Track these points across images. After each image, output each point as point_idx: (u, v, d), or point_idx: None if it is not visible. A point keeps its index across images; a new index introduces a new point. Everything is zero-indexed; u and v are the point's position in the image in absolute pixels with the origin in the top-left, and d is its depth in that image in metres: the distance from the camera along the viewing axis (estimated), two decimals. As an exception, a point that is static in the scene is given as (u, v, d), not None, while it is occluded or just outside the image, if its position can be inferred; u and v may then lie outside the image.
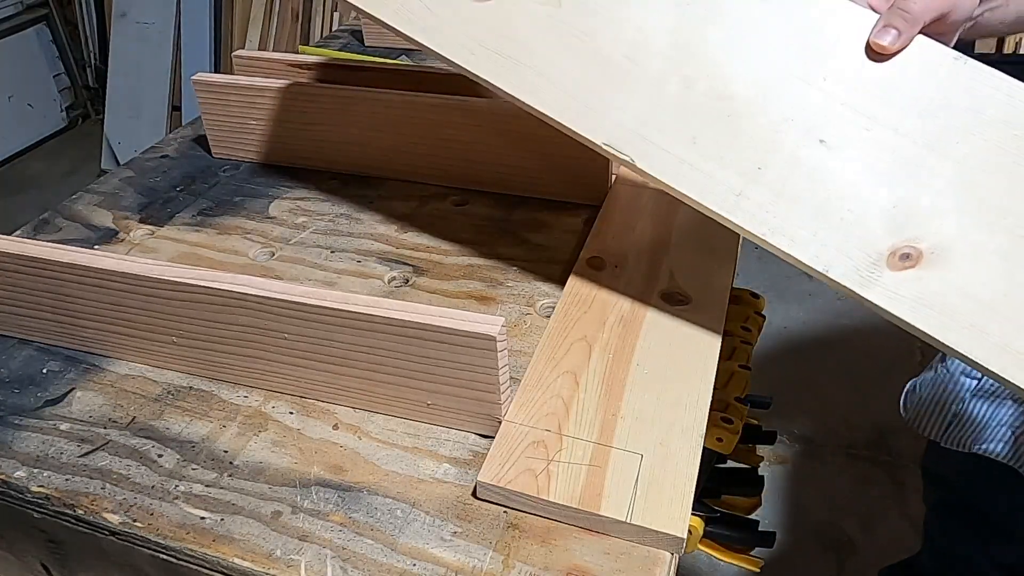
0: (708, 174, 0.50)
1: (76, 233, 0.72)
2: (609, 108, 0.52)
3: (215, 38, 2.77)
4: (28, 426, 0.52)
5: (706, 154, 0.50)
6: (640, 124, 0.51)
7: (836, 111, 0.49)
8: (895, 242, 0.47)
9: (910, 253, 0.46)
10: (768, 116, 0.50)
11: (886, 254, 0.47)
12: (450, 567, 0.42)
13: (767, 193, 0.49)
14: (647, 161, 0.51)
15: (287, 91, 0.76)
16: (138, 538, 0.45)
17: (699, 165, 0.50)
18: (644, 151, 0.51)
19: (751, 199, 0.49)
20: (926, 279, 0.46)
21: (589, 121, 0.52)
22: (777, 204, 0.49)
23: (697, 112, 0.51)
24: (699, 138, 0.50)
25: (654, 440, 0.47)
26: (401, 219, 0.72)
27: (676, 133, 0.51)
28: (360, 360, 0.49)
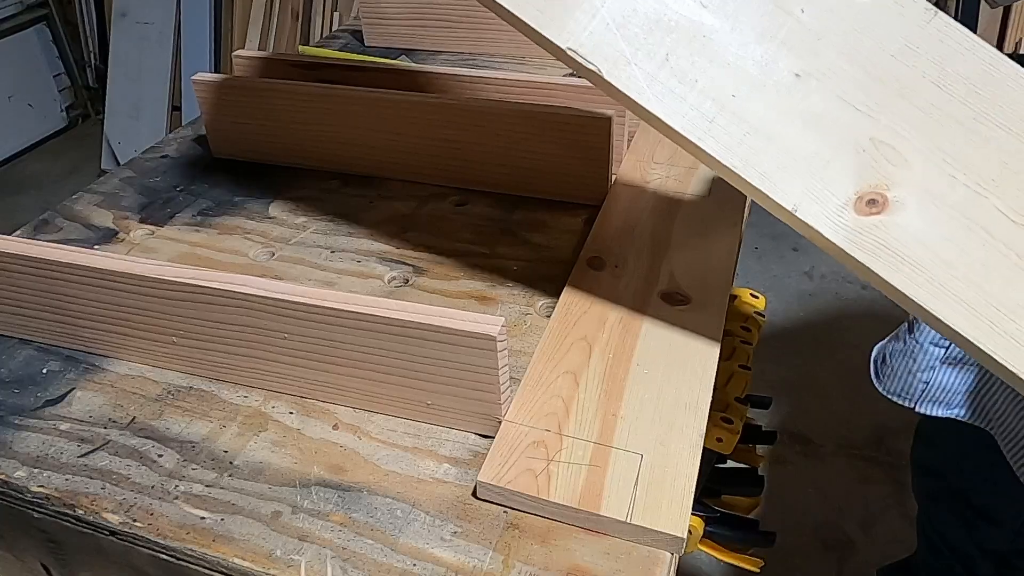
0: (680, 96, 0.48)
1: (76, 233, 0.72)
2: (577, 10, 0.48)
3: (215, 38, 2.77)
4: (28, 426, 0.52)
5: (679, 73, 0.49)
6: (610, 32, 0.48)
7: (812, 44, 0.48)
8: (862, 187, 0.46)
9: (876, 199, 0.46)
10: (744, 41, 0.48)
11: (853, 198, 0.46)
12: (450, 567, 0.42)
13: (739, 123, 0.48)
14: (615, 74, 0.47)
15: (287, 91, 0.76)
16: (138, 538, 0.45)
17: (671, 84, 0.48)
18: (613, 63, 0.48)
19: (723, 127, 0.48)
20: (891, 227, 0.46)
21: (554, 24, 0.48)
22: (749, 136, 0.48)
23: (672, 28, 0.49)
24: (672, 56, 0.48)
25: (654, 440, 0.47)
26: (401, 219, 0.72)
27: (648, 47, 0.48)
28: (360, 360, 0.49)
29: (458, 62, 1.04)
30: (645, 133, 0.82)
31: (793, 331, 1.96)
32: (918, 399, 0.76)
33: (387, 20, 1.08)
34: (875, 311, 2.00)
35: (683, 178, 0.74)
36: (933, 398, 0.76)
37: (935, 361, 0.74)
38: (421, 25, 1.06)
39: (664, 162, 0.77)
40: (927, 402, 0.76)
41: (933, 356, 0.74)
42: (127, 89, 2.86)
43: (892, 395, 0.78)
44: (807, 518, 1.49)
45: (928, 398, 0.76)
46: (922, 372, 0.75)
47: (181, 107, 2.83)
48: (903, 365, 0.76)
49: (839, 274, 2.15)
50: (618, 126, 0.71)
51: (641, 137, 0.81)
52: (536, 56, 1.04)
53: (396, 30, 1.08)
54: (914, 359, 0.74)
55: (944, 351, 0.73)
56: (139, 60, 2.82)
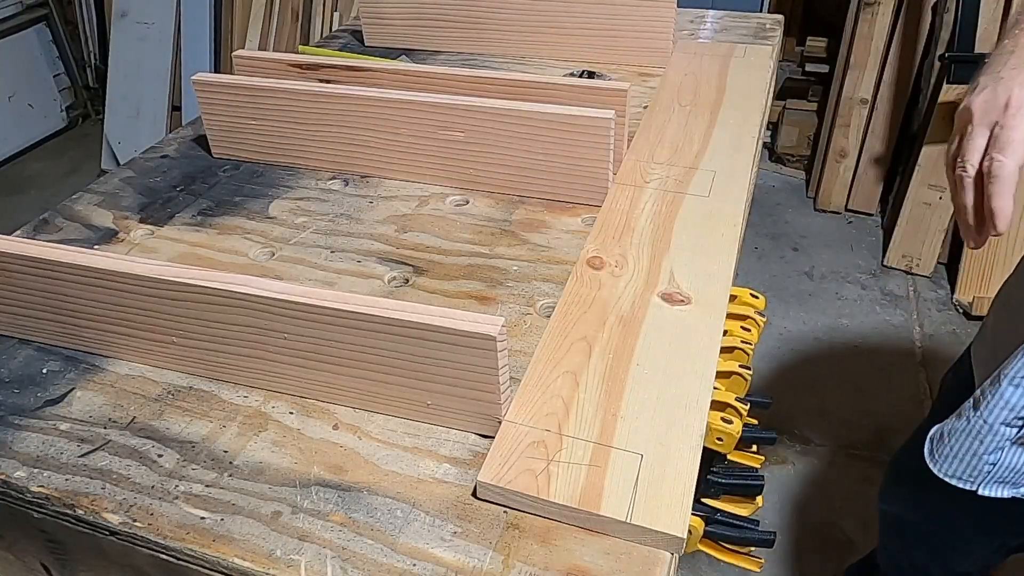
0: None
1: (76, 233, 0.72)
2: None
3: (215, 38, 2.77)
4: (28, 426, 0.52)
5: None
6: None
7: None
8: None
9: None
10: None
11: None
12: (450, 567, 0.42)
13: None
14: None
15: (287, 91, 0.76)
16: (138, 538, 0.45)
17: None
18: None
19: None
20: None
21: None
22: None
23: None
24: None
25: (654, 440, 0.47)
26: (401, 219, 0.72)
27: None
28: (360, 360, 0.49)
29: (458, 62, 1.04)
30: (645, 133, 0.82)
31: (793, 331, 1.96)
32: (982, 481, 0.71)
33: (387, 20, 1.08)
34: (875, 311, 2.00)
35: (683, 178, 0.74)
36: (1000, 479, 0.71)
37: (1005, 442, 0.69)
38: (421, 25, 1.06)
39: (664, 162, 0.77)
40: (993, 483, 0.71)
41: (1003, 436, 0.69)
42: (127, 89, 2.86)
43: (950, 478, 0.73)
44: (807, 518, 1.49)
45: (994, 479, 0.71)
46: (989, 454, 0.70)
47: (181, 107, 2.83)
48: (966, 446, 0.70)
49: (839, 274, 2.15)
50: (618, 126, 0.71)
51: (641, 137, 0.81)
52: (536, 56, 1.04)
53: (396, 30, 1.08)
54: (980, 440, 0.69)
55: (1017, 431, 0.68)
56: (139, 60, 2.82)
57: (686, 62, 0.99)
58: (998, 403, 0.67)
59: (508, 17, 1.02)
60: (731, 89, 0.92)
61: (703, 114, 0.86)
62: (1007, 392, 0.66)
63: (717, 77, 0.95)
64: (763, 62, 0.99)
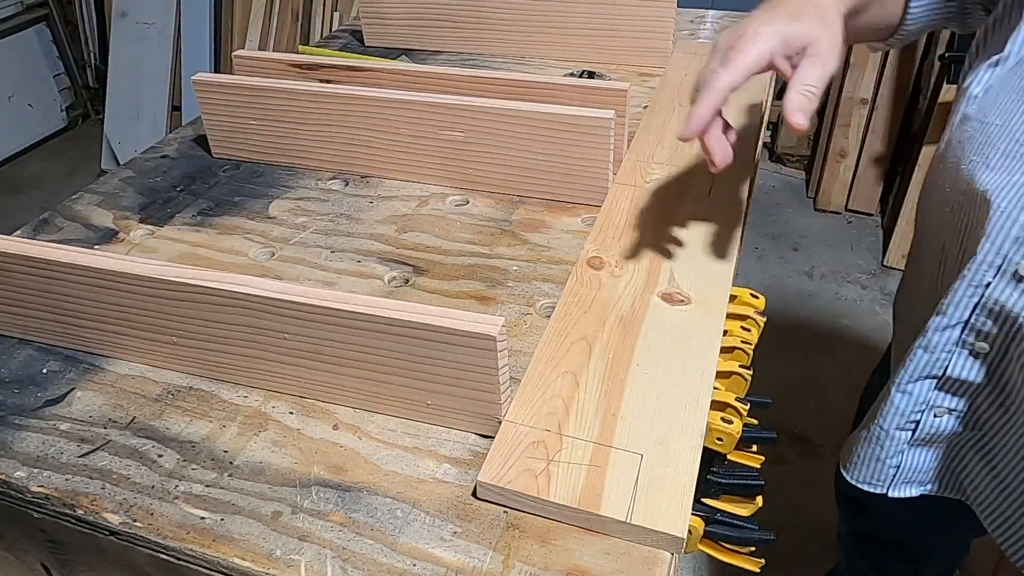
0: None
1: (76, 233, 0.72)
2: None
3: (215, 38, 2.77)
4: (28, 426, 0.52)
5: None
6: None
7: None
8: None
9: None
10: None
11: None
12: (450, 567, 0.42)
13: None
14: None
15: (287, 91, 0.76)
16: (138, 538, 0.45)
17: None
18: None
19: None
20: None
21: None
22: None
23: None
24: None
25: (654, 440, 0.47)
26: (401, 219, 0.72)
27: None
28: (360, 360, 0.49)
29: (458, 62, 1.04)
30: (645, 133, 0.82)
31: (793, 331, 1.96)
32: (890, 484, 0.74)
33: (387, 20, 1.08)
34: (875, 311, 2.00)
35: (683, 179, 0.74)
36: (906, 480, 0.73)
37: (903, 445, 0.72)
38: (421, 25, 1.06)
39: (664, 162, 0.77)
40: (900, 485, 0.74)
41: (900, 440, 0.72)
42: (127, 89, 2.86)
43: (862, 483, 0.75)
44: (807, 518, 1.49)
45: (900, 481, 0.73)
46: (891, 458, 0.73)
47: (181, 107, 2.83)
48: (870, 453, 0.73)
49: (839, 274, 2.15)
50: (618, 126, 0.71)
51: (641, 137, 0.81)
52: (536, 56, 1.04)
53: (396, 30, 1.08)
54: (881, 446, 0.72)
55: (911, 434, 0.71)
56: (139, 60, 2.82)
57: (686, 62, 0.99)
58: (890, 410, 0.70)
59: (508, 17, 1.02)
60: (731, 89, 0.92)
61: (703, 114, 0.86)
62: (896, 399, 0.69)
63: (717, 77, 0.95)
64: (763, 62, 0.99)
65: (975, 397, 0.66)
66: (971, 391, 0.66)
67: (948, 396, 0.67)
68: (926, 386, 0.68)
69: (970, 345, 0.63)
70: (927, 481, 0.74)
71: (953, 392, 0.67)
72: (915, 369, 0.67)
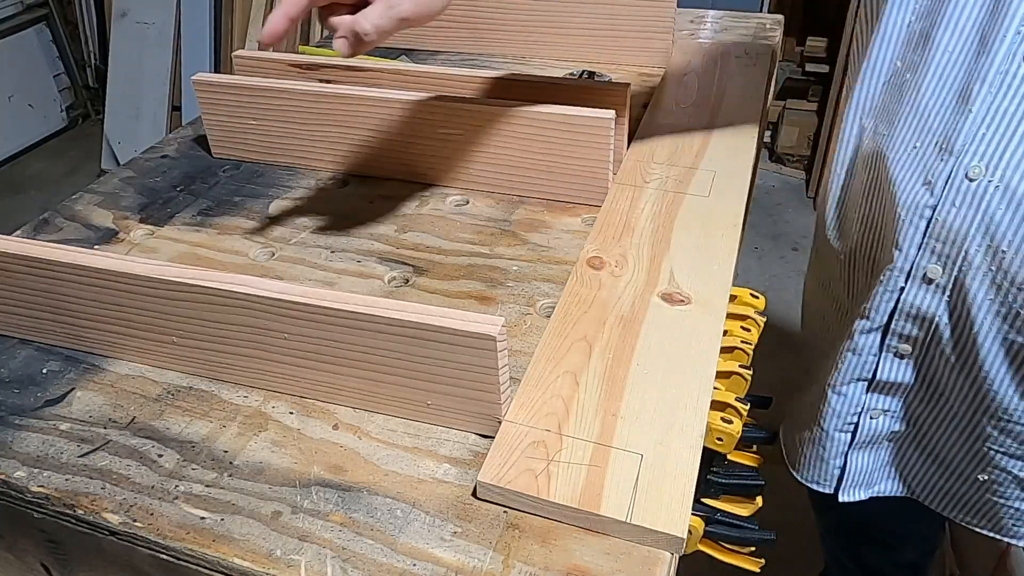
0: None
1: (76, 233, 0.72)
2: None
3: (215, 38, 2.77)
4: (28, 426, 0.52)
5: None
6: None
7: None
8: None
9: None
10: None
11: None
12: (450, 567, 0.42)
13: None
14: None
15: (287, 91, 0.76)
16: (138, 538, 0.45)
17: None
18: None
19: None
20: None
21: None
22: None
23: None
24: None
25: (654, 440, 0.47)
26: (401, 219, 0.72)
27: None
28: (360, 360, 0.49)
29: (458, 62, 1.04)
30: (645, 133, 0.82)
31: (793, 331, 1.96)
32: (837, 486, 0.75)
33: (387, 20, 1.08)
34: (875, 311, 2.00)
35: (683, 178, 0.74)
36: (853, 483, 0.74)
37: (844, 447, 0.73)
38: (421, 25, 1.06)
39: (664, 162, 0.77)
40: (848, 488, 0.74)
41: (842, 443, 0.72)
42: (127, 89, 2.86)
43: (811, 483, 0.76)
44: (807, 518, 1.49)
45: (848, 484, 0.74)
46: (834, 459, 0.73)
47: (181, 107, 2.83)
48: (815, 453, 0.74)
49: (839, 274, 2.15)
50: (618, 126, 0.71)
51: (641, 137, 0.81)
52: (536, 56, 1.04)
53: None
54: (823, 447, 0.73)
55: (851, 436, 0.72)
56: (139, 60, 2.82)
57: (686, 62, 0.99)
58: (829, 412, 0.71)
59: (508, 17, 1.02)
60: (731, 89, 0.92)
61: (703, 114, 0.86)
62: (832, 400, 0.70)
63: (717, 77, 0.95)
64: (763, 62, 0.99)
65: (907, 396, 0.67)
66: (902, 391, 0.67)
67: (881, 397, 0.68)
68: (859, 388, 0.68)
69: (894, 348, 0.64)
70: (875, 483, 0.74)
71: (885, 393, 0.68)
72: (847, 370, 0.68)
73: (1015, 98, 0.52)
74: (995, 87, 0.53)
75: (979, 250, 0.55)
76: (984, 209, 0.54)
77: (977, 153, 0.54)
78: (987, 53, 0.53)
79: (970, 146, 0.54)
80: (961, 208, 0.55)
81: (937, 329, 0.61)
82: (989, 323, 0.57)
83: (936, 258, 0.58)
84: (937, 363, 0.63)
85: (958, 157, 0.55)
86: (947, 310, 0.59)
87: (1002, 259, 0.54)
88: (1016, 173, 0.52)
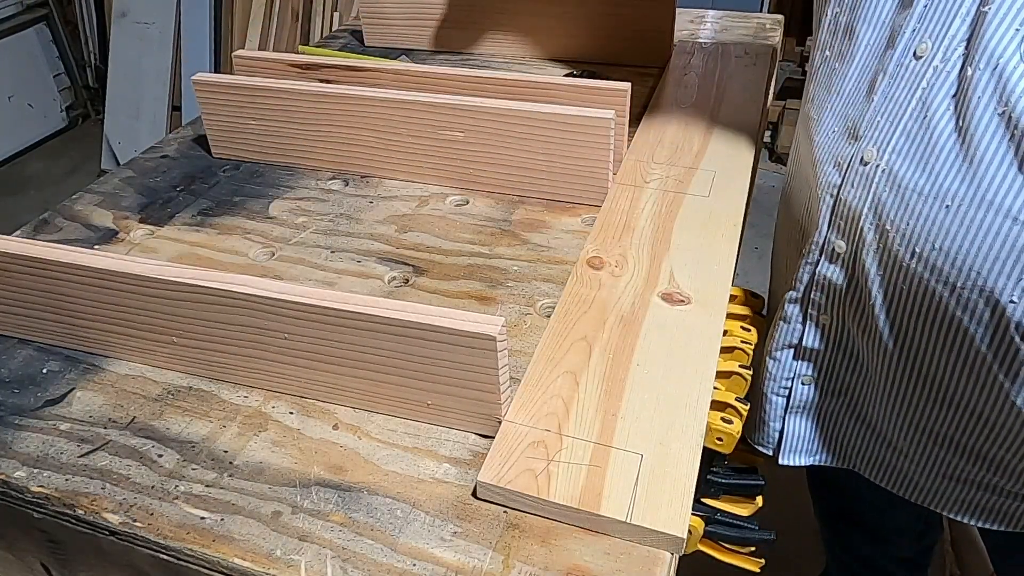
0: None
1: (76, 233, 0.72)
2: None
3: (215, 38, 2.77)
4: (28, 426, 0.52)
5: None
6: None
7: None
8: None
9: None
10: None
11: None
12: (450, 567, 0.42)
13: None
14: None
15: (287, 91, 0.76)
16: (138, 538, 0.45)
17: None
18: None
19: None
20: None
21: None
22: None
23: None
24: None
25: (654, 440, 0.47)
26: (401, 219, 0.72)
27: None
28: (360, 360, 0.49)
29: (458, 62, 1.04)
30: (645, 133, 0.82)
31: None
32: (778, 450, 0.76)
33: (387, 20, 1.08)
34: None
35: (683, 178, 0.74)
36: (793, 448, 0.76)
37: (781, 411, 0.74)
38: (421, 25, 1.06)
39: (664, 162, 0.77)
40: (789, 452, 0.76)
41: (779, 407, 0.74)
42: (127, 89, 2.86)
43: (757, 444, 0.78)
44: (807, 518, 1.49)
45: (788, 448, 0.76)
46: (773, 422, 0.75)
47: (181, 107, 2.83)
48: (757, 415, 0.76)
49: (839, 274, 2.15)
50: (618, 126, 0.71)
51: (641, 137, 0.81)
52: (536, 56, 1.04)
53: (396, 30, 1.08)
54: (764, 409, 0.75)
55: (786, 401, 0.74)
56: (139, 60, 2.82)
57: (686, 62, 0.99)
58: (767, 376, 0.73)
59: (508, 17, 1.02)
60: (731, 89, 0.92)
61: (703, 114, 0.86)
62: (769, 364, 0.73)
63: (717, 77, 0.95)
64: (763, 62, 0.99)
65: (831, 364, 0.70)
66: (827, 359, 0.70)
67: (809, 364, 0.71)
68: (789, 355, 0.72)
69: (814, 317, 0.68)
70: (814, 452, 0.76)
71: (811, 360, 0.71)
72: (779, 337, 0.71)
73: (905, 89, 0.56)
74: (893, 78, 0.57)
75: (871, 229, 0.59)
76: (873, 191, 0.58)
77: (872, 139, 0.58)
78: (892, 47, 0.57)
79: (868, 132, 0.59)
80: (857, 189, 0.59)
81: (843, 301, 0.65)
82: (881, 299, 0.61)
83: (840, 235, 0.62)
84: (851, 333, 0.66)
85: (860, 142, 0.59)
86: (847, 283, 0.64)
87: (886, 238, 0.58)
88: (898, 158, 0.56)
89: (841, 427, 0.73)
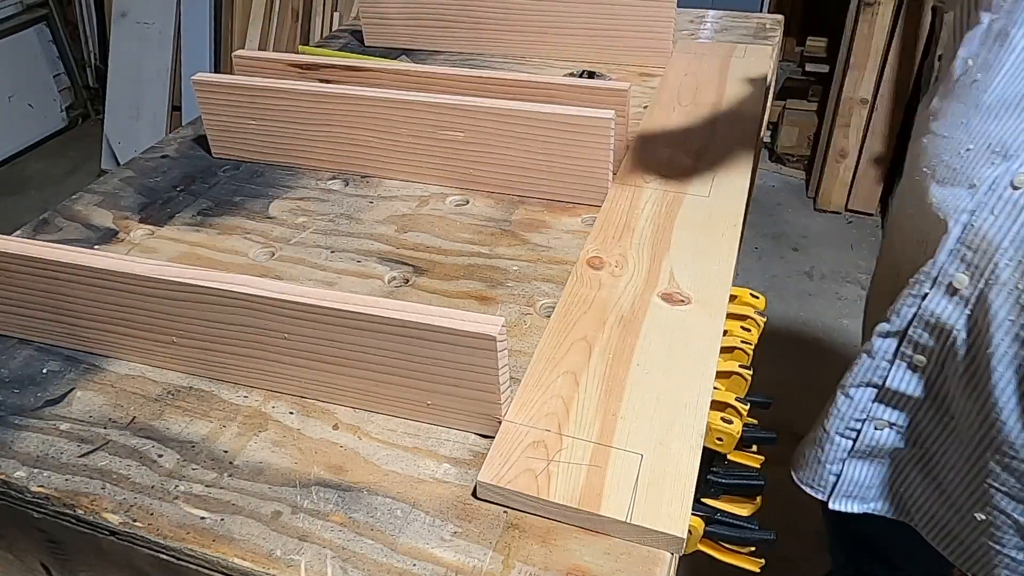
0: None
1: (76, 233, 0.72)
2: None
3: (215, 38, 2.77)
4: (28, 426, 0.52)
5: None
6: None
7: None
8: None
9: None
10: None
11: None
12: (450, 567, 0.42)
13: None
14: None
15: (287, 91, 0.76)
16: (138, 538, 0.45)
17: None
18: None
19: None
20: None
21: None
22: None
23: None
24: None
25: (654, 440, 0.47)
26: (401, 219, 0.72)
27: None
28: (360, 360, 0.49)
29: (458, 62, 1.04)
30: (645, 133, 0.82)
31: (793, 331, 1.96)
32: (831, 493, 0.72)
33: (387, 20, 1.08)
34: (875, 311, 2.00)
35: (683, 178, 0.74)
36: (847, 493, 0.71)
37: (843, 453, 0.69)
38: (421, 25, 1.06)
39: (664, 162, 0.77)
40: (841, 497, 0.71)
41: (841, 448, 0.69)
42: (127, 89, 2.86)
43: (805, 486, 0.73)
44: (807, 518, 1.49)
45: (841, 493, 0.71)
46: (831, 464, 0.70)
47: (181, 107, 2.83)
48: (813, 454, 0.71)
49: (839, 274, 2.15)
50: (618, 126, 0.71)
51: (641, 137, 0.81)
52: (536, 56, 1.04)
53: (396, 30, 1.08)
54: (822, 448, 0.70)
55: (852, 443, 0.68)
56: (139, 60, 2.82)
57: (686, 62, 0.99)
58: (834, 413, 0.68)
59: (508, 17, 1.02)
60: (731, 89, 0.92)
61: (703, 114, 0.86)
62: (840, 401, 0.68)
63: (717, 77, 0.95)
64: (763, 62, 0.99)
65: (915, 412, 0.65)
66: (911, 405, 0.65)
67: (888, 409, 0.66)
68: (867, 394, 0.66)
69: (908, 357, 0.62)
70: (870, 499, 0.71)
71: (893, 405, 0.65)
72: (859, 372, 0.66)
73: None
74: None
75: (1009, 264, 0.52)
76: (1022, 220, 0.51)
77: None
78: None
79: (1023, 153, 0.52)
80: (999, 217, 0.52)
81: (953, 344, 0.58)
82: (1007, 346, 0.54)
83: (964, 266, 0.55)
84: (949, 381, 0.60)
85: (1009, 163, 0.52)
86: (966, 325, 0.57)
87: None
88: None
89: (907, 480, 0.68)
